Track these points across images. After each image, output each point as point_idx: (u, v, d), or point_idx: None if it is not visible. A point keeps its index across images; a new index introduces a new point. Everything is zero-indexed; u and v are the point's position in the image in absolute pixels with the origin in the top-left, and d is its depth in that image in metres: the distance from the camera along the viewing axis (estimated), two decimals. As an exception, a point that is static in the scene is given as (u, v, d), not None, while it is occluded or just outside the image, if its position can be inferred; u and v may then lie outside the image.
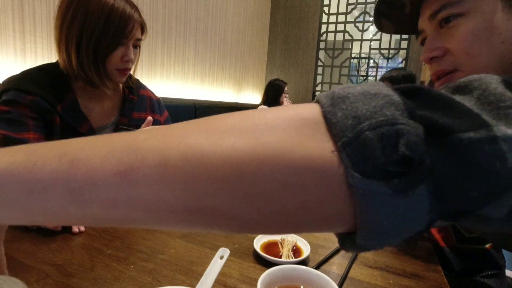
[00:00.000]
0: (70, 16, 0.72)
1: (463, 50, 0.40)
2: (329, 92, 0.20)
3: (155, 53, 1.91)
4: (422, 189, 0.16)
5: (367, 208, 0.16)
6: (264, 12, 3.45)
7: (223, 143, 0.17)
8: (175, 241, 0.55)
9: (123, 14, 0.73)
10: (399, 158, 0.16)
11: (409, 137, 0.16)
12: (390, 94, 0.18)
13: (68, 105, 0.77)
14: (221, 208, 0.17)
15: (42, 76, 0.76)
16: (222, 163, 0.17)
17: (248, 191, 0.17)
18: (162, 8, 1.92)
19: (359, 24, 3.17)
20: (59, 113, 0.75)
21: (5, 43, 1.13)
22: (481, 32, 0.38)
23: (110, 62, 0.77)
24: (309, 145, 0.17)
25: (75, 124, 0.77)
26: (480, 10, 0.38)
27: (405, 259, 0.54)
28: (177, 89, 2.14)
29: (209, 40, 2.45)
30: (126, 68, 0.80)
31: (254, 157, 0.17)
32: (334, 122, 0.17)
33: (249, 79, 3.29)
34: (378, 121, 0.16)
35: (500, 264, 0.83)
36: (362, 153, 0.16)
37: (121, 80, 0.83)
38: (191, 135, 0.18)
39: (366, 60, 3.30)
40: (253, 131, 0.18)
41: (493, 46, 0.38)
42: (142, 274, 0.44)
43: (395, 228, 0.17)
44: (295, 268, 0.39)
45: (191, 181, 0.17)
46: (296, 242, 0.53)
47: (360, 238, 0.18)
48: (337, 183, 0.17)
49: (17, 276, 0.35)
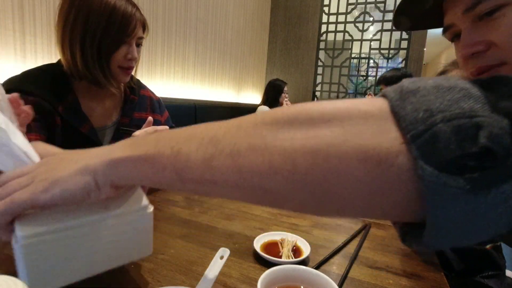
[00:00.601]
0: (73, 17, 0.72)
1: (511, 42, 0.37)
2: (396, 86, 0.19)
3: (155, 53, 1.91)
4: (508, 188, 0.15)
5: (438, 203, 0.15)
6: (264, 12, 3.45)
7: (281, 137, 0.21)
8: (175, 241, 0.55)
9: (124, 13, 0.74)
10: (478, 150, 0.15)
11: (491, 130, 0.15)
12: (468, 88, 0.17)
13: (69, 106, 0.77)
14: (280, 192, 0.21)
15: (42, 76, 0.76)
16: (280, 154, 0.20)
17: (321, 183, 0.19)
18: (162, 8, 1.92)
19: (359, 24, 3.17)
20: (60, 114, 0.75)
21: (5, 43, 1.13)
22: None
23: (114, 61, 0.78)
24: (377, 138, 0.17)
25: (76, 124, 0.78)
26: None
27: (405, 259, 0.54)
28: (177, 89, 2.14)
29: (209, 40, 2.46)
30: (130, 66, 0.81)
31: (315, 151, 0.19)
32: (403, 115, 0.17)
33: (249, 79, 3.29)
34: (454, 114, 0.15)
35: (500, 264, 0.84)
36: (434, 145, 0.15)
37: (124, 79, 0.84)
38: (253, 132, 0.22)
39: (366, 60, 3.30)
40: (328, 124, 0.20)
41: None
42: (142, 274, 0.44)
43: (471, 230, 0.16)
44: (295, 268, 0.39)
45: (251, 167, 0.21)
46: (296, 242, 0.53)
47: (427, 235, 0.17)
48: (405, 175, 0.16)
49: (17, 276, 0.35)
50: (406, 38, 2.97)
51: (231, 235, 0.59)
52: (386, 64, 3.21)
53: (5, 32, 1.13)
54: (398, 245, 0.60)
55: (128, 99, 0.91)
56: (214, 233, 0.60)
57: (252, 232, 0.61)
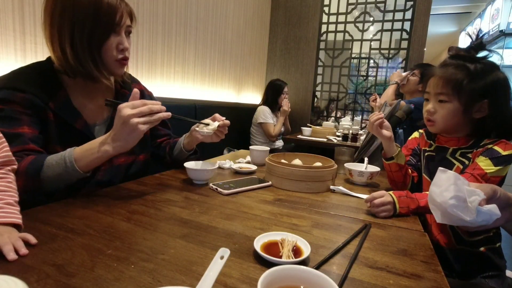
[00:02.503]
0: (59, 13, 0.72)
1: None
2: None
3: (155, 53, 1.91)
4: None
5: None
6: (264, 12, 3.45)
7: None
8: (175, 241, 0.55)
9: (110, 3, 0.74)
10: None
11: None
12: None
13: (61, 103, 0.77)
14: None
15: (33, 74, 0.76)
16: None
17: None
18: (162, 8, 1.92)
19: (359, 24, 3.17)
20: (52, 110, 0.76)
21: (5, 43, 1.13)
22: None
23: (106, 53, 0.78)
24: None
25: (70, 120, 0.78)
26: None
27: (405, 259, 0.54)
28: (177, 89, 2.14)
29: (209, 40, 2.45)
30: (124, 57, 0.81)
31: None
32: None
33: (249, 79, 3.29)
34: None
35: (500, 265, 0.84)
36: None
37: (120, 71, 0.84)
38: None
39: (366, 60, 3.30)
40: None
41: None
42: (142, 274, 0.44)
43: None
44: (295, 268, 0.38)
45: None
46: (296, 242, 0.53)
47: None
48: None
49: (17, 276, 0.35)
50: (406, 38, 2.97)
51: (231, 235, 0.59)
52: (386, 64, 3.21)
53: (5, 32, 1.13)
54: (398, 245, 0.60)
55: (119, 93, 0.91)
56: (214, 233, 0.60)
57: (252, 232, 0.61)
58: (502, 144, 0.80)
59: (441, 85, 0.86)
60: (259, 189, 0.92)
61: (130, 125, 0.67)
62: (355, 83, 3.46)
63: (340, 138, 2.47)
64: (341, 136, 2.47)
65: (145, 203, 0.74)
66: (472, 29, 5.33)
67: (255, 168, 1.16)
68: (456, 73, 0.84)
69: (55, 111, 0.76)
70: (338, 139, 2.45)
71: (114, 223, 0.61)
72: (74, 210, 0.66)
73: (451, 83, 0.84)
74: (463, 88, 0.82)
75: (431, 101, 0.90)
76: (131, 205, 0.72)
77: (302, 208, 0.78)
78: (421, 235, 0.66)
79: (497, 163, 0.78)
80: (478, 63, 0.84)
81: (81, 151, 0.71)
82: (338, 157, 1.23)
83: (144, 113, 0.69)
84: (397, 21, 3.02)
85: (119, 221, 0.62)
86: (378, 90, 3.32)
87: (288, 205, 0.80)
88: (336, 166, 1.02)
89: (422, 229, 0.69)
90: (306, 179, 0.92)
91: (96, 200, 0.73)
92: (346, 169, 1.07)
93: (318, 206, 0.80)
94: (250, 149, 1.31)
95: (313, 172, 0.92)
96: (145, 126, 0.69)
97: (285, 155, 1.15)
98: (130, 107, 0.68)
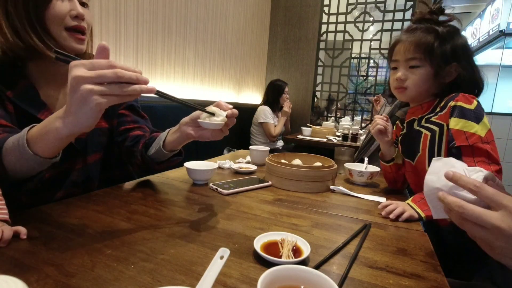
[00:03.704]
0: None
1: None
2: None
3: (155, 53, 1.91)
4: None
5: None
6: (264, 12, 3.45)
7: None
8: (175, 241, 0.55)
9: None
10: None
11: None
12: None
13: (21, 92, 0.70)
14: None
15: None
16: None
17: None
18: (162, 8, 1.92)
19: (359, 24, 3.17)
20: (11, 100, 0.69)
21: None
22: None
23: (53, 22, 0.67)
24: None
25: (32, 111, 0.71)
26: None
27: (405, 259, 0.54)
28: (177, 89, 2.14)
29: (209, 40, 2.45)
30: (79, 26, 0.70)
31: None
32: None
33: (249, 79, 3.29)
34: None
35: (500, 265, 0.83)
36: None
37: (77, 47, 0.71)
38: None
39: (366, 60, 3.30)
40: None
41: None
42: (142, 274, 0.44)
43: None
44: (295, 268, 0.38)
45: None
46: (296, 242, 0.53)
47: None
48: None
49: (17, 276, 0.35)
50: (406, 38, 2.97)
51: (231, 235, 0.59)
52: (386, 64, 3.21)
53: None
54: (398, 245, 0.60)
55: None
56: (214, 233, 0.60)
57: (252, 232, 0.61)
58: (463, 98, 0.78)
59: (412, 49, 0.84)
60: (259, 189, 0.92)
61: (80, 93, 0.47)
62: (355, 83, 3.46)
63: (340, 138, 2.47)
64: (341, 136, 2.47)
65: (145, 203, 0.74)
66: (472, 29, 5.32)
67: (255, 168, 1.16)
68: (426, 36, 0.83)
69: (15, 101, 0.69)
70: (338, 139, 2.45)
71: (114, 223, 0.61)
72: (74, 210, 0.66)
73: (423, 46, 0.83)
74: (434, 51, 0.82)
75: (400, 68, 0.89)
76: (131, 205, 0.72)
77: (302, 208, 0.78)
78: (421, 235, 0.66)
79: (476, 118, 0.76)
80: (443, 26, 0.84)
81: (37, 129, 0.56)
82: (338, 157, 1.23)
83: (107, 79, 0.47)
84: (397, 21, 3.02)
85: (119, 221, 0.62)
86: (378, 90, 3.32)
87: (288, 205, 0.80)
88: (336, 166, 1.02)
89: (422, 229, 0.69)
90: (306, 179, 0.92)
91: (96, 200, 0.73)
92: (346, 169, 1.07)
93: (318, 206, 0.80)
94: (250, 149, 1.31)
95: (313, 172, 0.92)
96: (103, 100, 0.48)
97: (285, 155, 1.15)
98: (86, 67, 0.47)
